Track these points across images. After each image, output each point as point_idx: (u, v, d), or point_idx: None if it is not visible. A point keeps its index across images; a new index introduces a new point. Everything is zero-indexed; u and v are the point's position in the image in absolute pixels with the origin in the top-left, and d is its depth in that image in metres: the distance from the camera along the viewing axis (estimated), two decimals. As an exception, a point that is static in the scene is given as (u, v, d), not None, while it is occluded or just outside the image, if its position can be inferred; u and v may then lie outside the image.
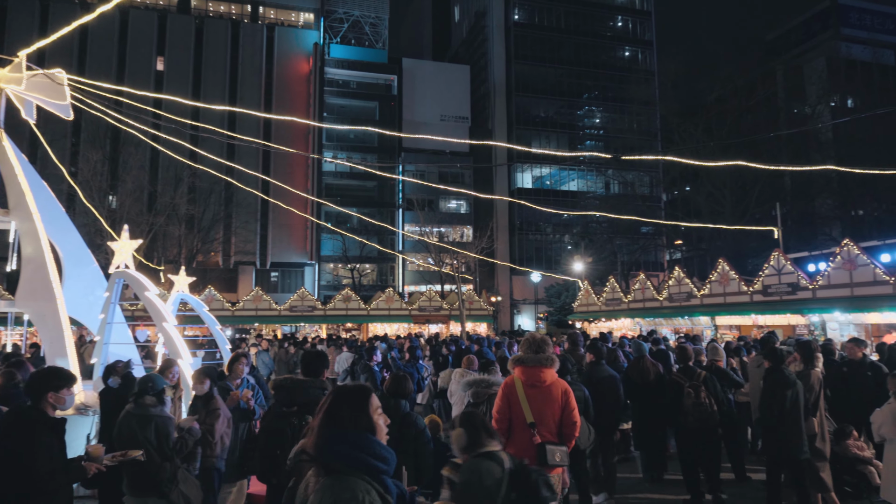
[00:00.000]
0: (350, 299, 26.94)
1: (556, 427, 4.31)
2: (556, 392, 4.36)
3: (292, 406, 4.01)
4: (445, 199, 51.43)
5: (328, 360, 5.44)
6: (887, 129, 33.73)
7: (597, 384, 6.50)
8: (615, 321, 21.89)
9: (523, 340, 4.67)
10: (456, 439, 3.12)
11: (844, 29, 61.51)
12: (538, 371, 4.34)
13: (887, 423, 4.88)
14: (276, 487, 3.90)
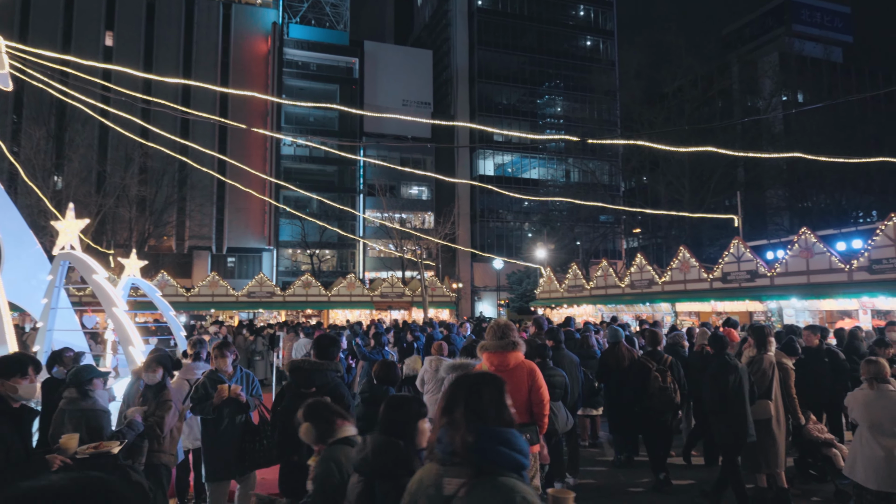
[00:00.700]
0: (310, 285, 26.39)
1: (525, 407, 4.42)
2: (521, 374, 4.47)
3: (310, 387, 4.16)
4: (407, 186, 51.03)
5: (340, 344, 5.24)
6: (836, 124, 34.91)
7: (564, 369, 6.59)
8: (577, 307, 22.02)
9: (488, 328, 4.77)
10: (305, 434, 2.88)
11: (796, 25, 63.33)
12: (503, 356, 4.47)
13: (857, 408, 4.88)
14: (295, 464, 4.04)
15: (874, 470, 4.64)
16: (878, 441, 4.66)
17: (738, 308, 15.87)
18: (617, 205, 45.56)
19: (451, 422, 1.88)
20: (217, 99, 42.31)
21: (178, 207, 37.49)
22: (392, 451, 2.52)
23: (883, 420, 4.70)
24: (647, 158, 33.73)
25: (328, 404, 3.08)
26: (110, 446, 3.98)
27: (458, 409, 1.89)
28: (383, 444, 2.54)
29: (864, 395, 4.87)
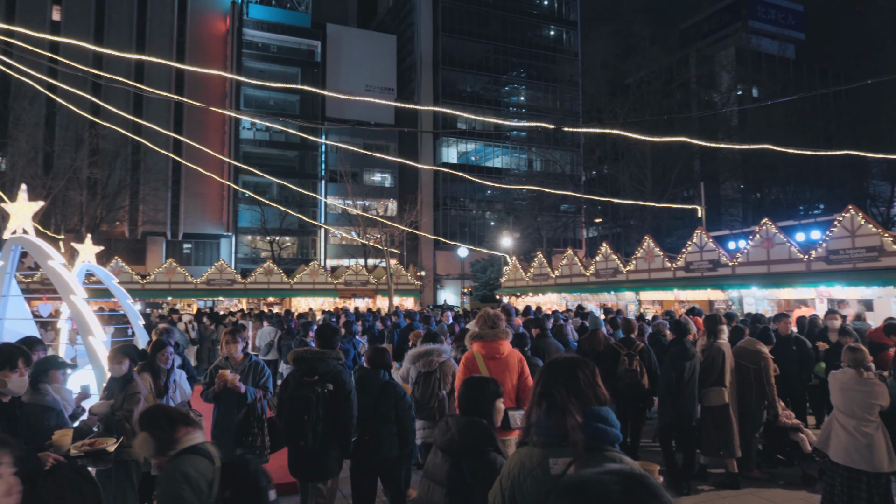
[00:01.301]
0: (272, 273, 25.83)
1: (514, 393, 4.65)
2: (512, 361, 4.71)
3: (313, 376, 4.34)
4: (370, 172, 50.47)
5: (341, 333, 5.25)
6: (789, 119, 35.96)
7: (543, 356, 6.79)
8: (542, 296, 22.17)
9: (478, 317, 4.95)
10: (141, 446, 2.61)
11: (752, 21, 64.90)
12: (496, 344, 4.68)
13: (835, 389, 5.01)
14: (301, 450, 4.28)
15: (843, 448, 4.77)
16: (848, 421, 4.77)
17: (701, 297, 16.22)
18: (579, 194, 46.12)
19: (554, 405, 1.97)
20: (172, 79, 40.83)
21: (132, 191, 36.11)
22: (478, 429, 2.67)
23: (854, 405, 4.80)
24: (612, 149, 34.11)
25: (168, 410, 2.70)
26: (105, 443, 3.85)
27: (560, 393, 1.98)
28: (469, 424, 2.67)
29: (844, 379, 4.98)
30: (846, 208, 12.76)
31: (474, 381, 2.95)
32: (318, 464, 4.33)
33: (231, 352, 5.03)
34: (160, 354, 5.16)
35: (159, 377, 5.09)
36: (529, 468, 1.98)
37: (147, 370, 5.01)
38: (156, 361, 5.14)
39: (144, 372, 4.97)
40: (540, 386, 2.07)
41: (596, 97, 33.90)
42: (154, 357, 5.14)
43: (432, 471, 2.73)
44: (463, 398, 2.84)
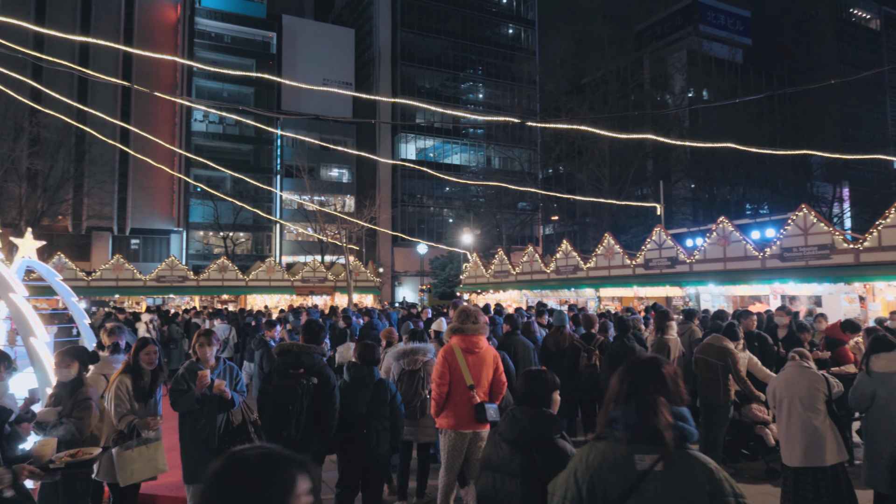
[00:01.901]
0: (226, 269, 25.04)
1: (489, 387, 4.76)
2: (489, 356, 4.81)
3: (299, 369, 4.39)
4: (327, 168, 49.68)
5: (326, 330, 5.57)
6: (738, 122, 37.11)
7: (513, 353, 6.96)
8: (503, 293, 22.18)
9: (457, 312, 4.98)
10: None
11: (703, 26, 66.76)
12: (475, 338, 4.75)
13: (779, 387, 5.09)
14: (283, 441, 4.23)
15: (796, 449, 4.83)
16: (796, 415, 4.84)
17: (659, 293, 16.49)
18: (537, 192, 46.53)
19: (645, 404, 2.01)
20: (119, 67, 39.16)
21: (76, 184, 34.44)
22: (547, 419, 2.81)
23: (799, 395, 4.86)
24: (571, 147, 34.46)
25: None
26: (91, 452, 3.63)
27: (647, 391, 2.04)
28: (539, 415, 2.81)
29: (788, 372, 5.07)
30: (799, 207, 13.15)
31: (535, 373, 3.04)
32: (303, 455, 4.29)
33: (204, 355, 4.70)
34: (143, 353, 4.63)
35: (141, 379, 4.57)
36: (612, 462, 2.03)
37: (127, 372, 4.57)
38: (138, 361, 4.64)
39: (125, 374, 4.54)
40: (626, 384, 2.10)
41: (555, 95, 34.16)
42: (136, 357, 4.64)
43: (499, 464, 2.79)
44: (527, 390, 2.94)
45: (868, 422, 4.86)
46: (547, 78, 33.40)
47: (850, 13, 76.42)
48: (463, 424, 4.60)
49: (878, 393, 4.74)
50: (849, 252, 12.01)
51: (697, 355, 7.19)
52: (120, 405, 4.39)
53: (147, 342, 4.71)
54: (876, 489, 4.78)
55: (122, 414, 4.35)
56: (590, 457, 2.09)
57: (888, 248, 11.34)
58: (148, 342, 4.72)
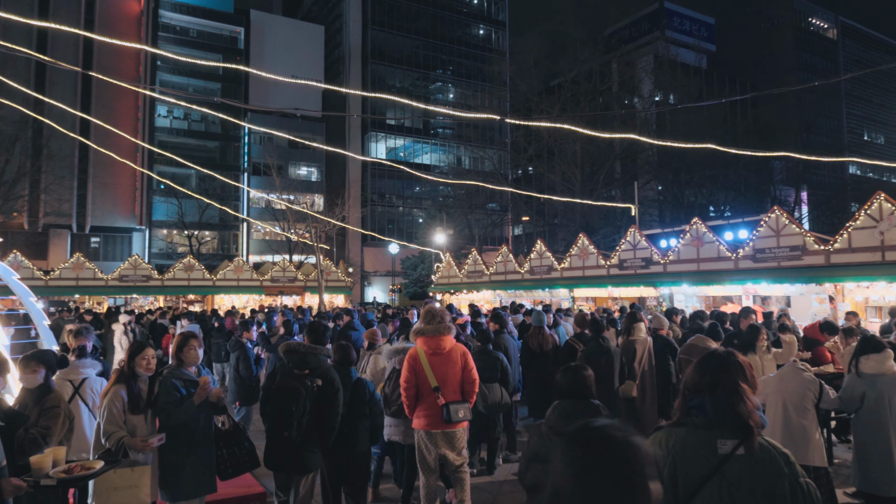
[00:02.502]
0: (193, 268, 24.36)
1: (459, 387, 4.75)
2: (455, 356, 4.78)
3: (304, 369, 4.35)
4: (296, 166, 48.94)
5: (330, 331, 5.62)
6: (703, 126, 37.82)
7: (505, 351, 7.03)
8: (477, 293, 22.09)
9: (422, 313, 5.00)
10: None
11: (669, 31, 68.02)
12: (438, 339, 4.73)
13: (770, 384, 5.10)
14: (283, 441, 4.25)
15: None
16: (784, 414, 4.82)
17: (633, 293, 16.60)
18: (505, 193, 46.74)
19: (728, 391, 2.15)
20: (80, 57, 37.81)
21: (33, 179, 33.12)
22: (596, 410, 3.06)
23: (791, 395, 4.86)
24: (544, 148, 34.59)
25: None
26: (92, 466, 3.39)
27: (730, 380, 2.18)
28: (590, 406, 3.05)
29: (784, 371, 5.06)
30: (771, 209, 13.35)
31: (579, 367, 3.24)
32: (298, 457, 4.34)
33: (190, 360, 4.43)
34: (139, 359, 4.22)
35: (135, 387, 4.16)
36: (694, 447, 2.13)
37: (122, 381, 4.14)
38: (134, 368, 4.20)
39: (119, 383, 4.12)
40: (708, 375, 2.23)
41: (528, 95, 34.28)
42: (132, 363, 4.23)
43: (547, 457, 2.72)
44: (574, 383, 3.14)
45: (858, 423, 4.86)
46: (520, 78, 33.46)
47: (809, 22, 78.82)
48: (432, 425, 4.68)
49: (867, 394, 4.75)
50: (820, 253, 12.24)
51: (682, 356, 7.17)
52: (111, 421, 3.94)
53: (143, 346, 4.32)
54: (864, 490, 4.79)
55: (110, 432, 3.89)
56: (669, 442, 2.19)
57: (858, 250, 11.59)
58: (144, 346, 4.33)
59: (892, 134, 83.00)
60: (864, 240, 11.52)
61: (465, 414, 4.68)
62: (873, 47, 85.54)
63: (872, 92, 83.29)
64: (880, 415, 4.67)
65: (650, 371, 6.79)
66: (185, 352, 4.38)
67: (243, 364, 7.43)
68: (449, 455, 4.73)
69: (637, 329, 7.03)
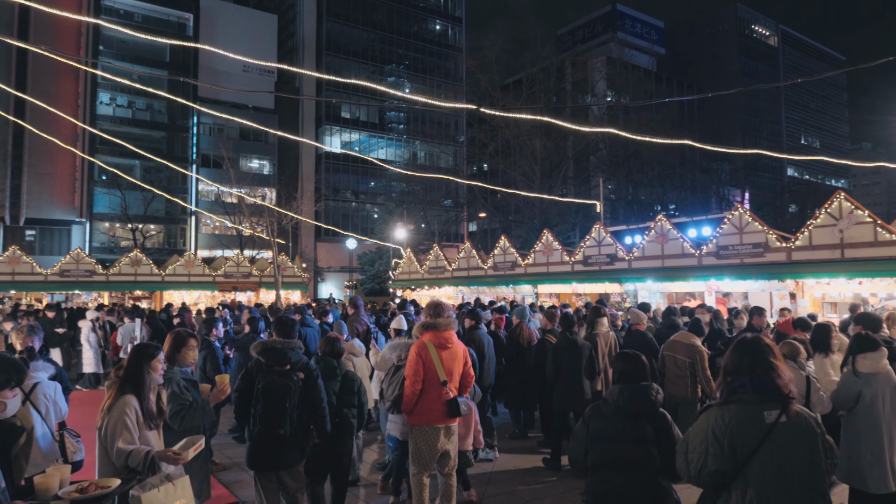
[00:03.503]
0: (140, 263, 23.20)
1: (459, 382, 4.81)
2: (460, 351, 4.86)
3: (285, 364, 4.32)
4: (247, 158, 47.50)
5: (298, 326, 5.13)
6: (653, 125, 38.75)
7: (477, 347, 7.09)
8: (439, 289, 21.86)
9: (426, 307, 4.98)
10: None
11: (621, 34, 69.42)
12: (447, 333, 4.75)
13: None
14: (278, 438, 4.20)
15: None
16: None
17: (598, 290, 16.70)
18: (461, 188, 46.76)
19: (767, 369, 2.57)
20: (14, 33, 35.51)
21: (-38, 168, 31.01)
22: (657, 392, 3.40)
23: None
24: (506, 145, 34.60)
25: None
26: (108, 484, 2.99)
27: (767, 360, 2.60)
28: (649, 389, 3.38)
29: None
30: (735, 206, 13.62)
31: (636, 355, 3.53)
32: (289, 452, 4.32)
33: (189, 360, 4.19)
34: (155, 362, 3.54)
35: (145, 398, 3.47)
36: (746, 419, 2.54)
37: (131, 390, 3.43)
38: (147, 374, 3.50)
39: (128, 393, 3.42)
40: (746, 358, 2.63)
41: (489, 90, 34.22)
42: (144, 368, 3.52)
43: (616, 434, 3.27)
44: (635, 370, 3.45)
45: (851, 420, 4.86)
46: (481, 73, 33.37)
47: (752, 29, 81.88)
48: (436, 419, 4.66)
49: (863, 393, 4.74)
50: (782, 251, 12.54)
51: (665, 353, 7.13)
52: (129, 440, 3.24)
53: (156, 348, 3.65)
54: (853, 486, 4.79)
55: (129, 451, 3.20)
56: (724, 417, 2.58)
57: (819, 247, 11.93)
58: (156, 350, 3.64)
59: (827, 138, 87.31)
60: (825, 237, 11.86)
61: (465, 408, 4.78)
62: (811, 55, 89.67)
63: (809, 98, 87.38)
64: (875, 413, 4.67)
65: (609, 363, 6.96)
66: (182, 352, 4.02)
67: (211, 364, 6.96)
68: (451, 450, 4.78)
69: (599, 324, 7.19)
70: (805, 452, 2.49)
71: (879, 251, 11.02)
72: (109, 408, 3.34)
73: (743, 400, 2.57)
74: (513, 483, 6.22)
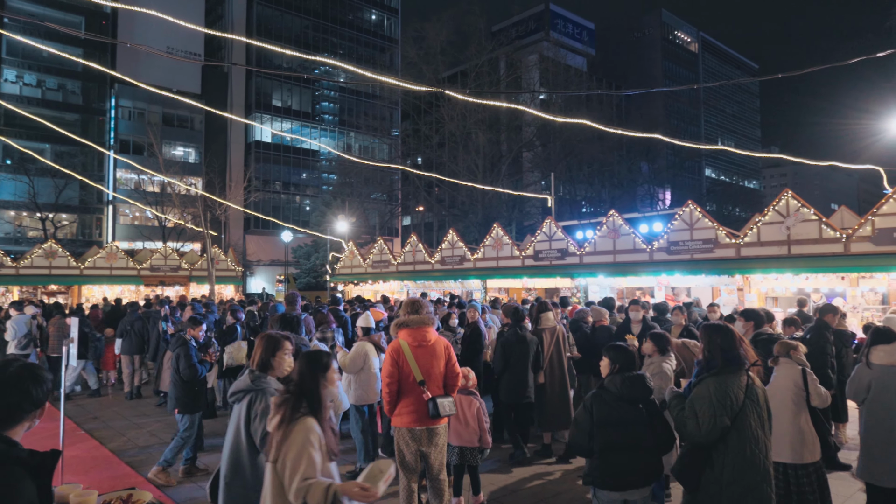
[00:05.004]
0: (55, 255, 21.29)
1: (442, 381, 4.60)
2: (439, 348, 4.63)
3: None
4: (170, 146, 44.92)
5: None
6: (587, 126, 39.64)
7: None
8: (383, 283, 21.29)
9: (404, 304, 4.82)
10: None
11: (553, 33, 70.64)
12: (423, 331, 4.58)
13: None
14: None
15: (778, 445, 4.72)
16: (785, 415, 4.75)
17: (549, 285, 16.70)
18: (395, 183, 46.21)
19: (736, 345, 3.42)
20: None
21: None
22: (649, 380, 3.81)
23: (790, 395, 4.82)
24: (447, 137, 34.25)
25: None
26: (141, 499, 2.87)
27: (736, 339, 3.45)
28: (645, 378, 3.76)
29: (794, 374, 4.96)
30: (686, 203, 13.90)
31: (627, 349, 3.86)
32: None
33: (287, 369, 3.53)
34: (330, 375, 2.93)
35: (325, 419, 2.81)
36: (732, 384, 3.34)
37: (310, 412, 2.75)
38: (321, 391, 2.84)
39: (309, 415, 2.74)
40: (719, 339, 3.43)
41: (434, 82, 33.80)
42: (318, 382, 2.85)
43: (620, 419, 3.61)
44: (631, 360, 3.81)
45: (863, 413, 4.87)
46: (425, 64, 32.80)
47: (675, 35, 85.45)
48: (416, 421, 4.47)
49: (873, 384, 4.75)
50: (731, 246, 12.89)
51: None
52: (311, 472, 2.58)
53: (329, 356, 2.98)
54: (866, 480, 4.79)
55: (306, 487, 2.54)
56: (720, 384, 3.34)
57: (766, 244, 12.32)
58: (328, 355, 2.99)
59: (741, 140, 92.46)
60: (772, 234, 12.26)
61: (450, 408, 4.53)
62: (727, 62, 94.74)
63: (725, 103, 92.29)
64: (883, 405, 4.68)
65: (558, 359, 6.97)
66: (278, 357, 3.41)
67: (184, 362, 6.28)
68: (431, 454, 4.51)
69: (545, 318, 7.19)
70: (765, 402, 3.43)
71: (824, 248, 11.49)
72: (286, 434, 2.65)
73: (726, 371, 3.36)
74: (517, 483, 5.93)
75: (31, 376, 1.88)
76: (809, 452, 4.62)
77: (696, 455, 3.39)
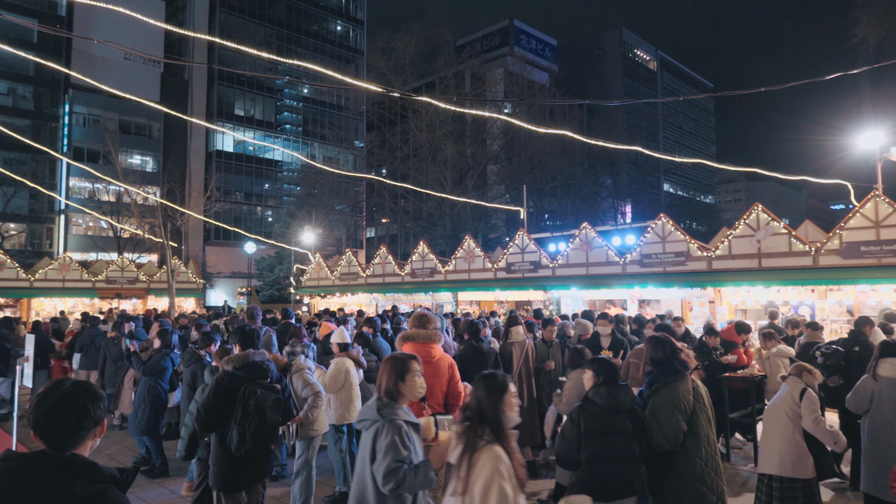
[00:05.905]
0: (2, 265, 20.22)
1: (443, 398, 4.53)
2: (443, 366, 4.55)
3: (266, 378, 4.26)
4: (128, 153, 43.54)
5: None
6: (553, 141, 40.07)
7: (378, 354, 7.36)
8: (352, 296, 20.88)
9: (412, 317, 4.74)
10: None
11: (517, 48, 71.58)
12: (428, 347, 4.50)
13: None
14: (268, 452, 4.22)
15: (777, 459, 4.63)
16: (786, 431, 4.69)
17: (521, 297, 16.60)
18: (359, 195, 45.82)
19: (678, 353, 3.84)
20: None
21: None
22: (632, 391, 3.95)
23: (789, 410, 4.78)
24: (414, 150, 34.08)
25: None
26: None
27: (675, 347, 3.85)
28: (629, 389, 3.88)
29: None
30: (658, 216, 14.02)
31: (610, 362, 3.95)
32: (266, 465, 4.31)
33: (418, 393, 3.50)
34: (508, 398, 2.69)
35: (511, 449, 2.57)
36: (687, 388, 3.69)
37: (495, 440, 2.53)
38: (503, 416, 2.62)
39: (492, 443, 2.53)
40: (666, 349, 3.81)
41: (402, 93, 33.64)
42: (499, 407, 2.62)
43: (608, 429, 3.65)
44: (615, 373, 3.88)
45: (864, 425, 4.86)
46: (393, 75, 32.59)
47: (635, 53, 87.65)
48: None
49: (875, 396, 4.74)
50: (703, 259, 13.03)
51: (630, 360, 6.98)
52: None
53: (505, 377, 2.72)
54: (868, 492, 4.76)
55: None
56: (677, 390, 3.65)
57: (737, 257, 12.49)
58: (503, 376, 2.74)
59: (698, 156, 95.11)
60: (743, 247, 12.43)
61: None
62: (684, 80, 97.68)
63: (682, 120, 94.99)
64: (882, 418, 4.67)
65: (527, 373, 6.85)
66: (408, 381, 3.08)
67: (200, 380, 5.95)
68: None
69: (514, 332, 7.08)
70: (709, 402, 3.79)
71: (793, 261, 11.70)
72: (471, 465, 2.43)
73: (678, 377, 3.68)
74: None
75: (86, 394, 1.83)
76: (798, 468, 4.53)
77: (656, 462, 3.63)
